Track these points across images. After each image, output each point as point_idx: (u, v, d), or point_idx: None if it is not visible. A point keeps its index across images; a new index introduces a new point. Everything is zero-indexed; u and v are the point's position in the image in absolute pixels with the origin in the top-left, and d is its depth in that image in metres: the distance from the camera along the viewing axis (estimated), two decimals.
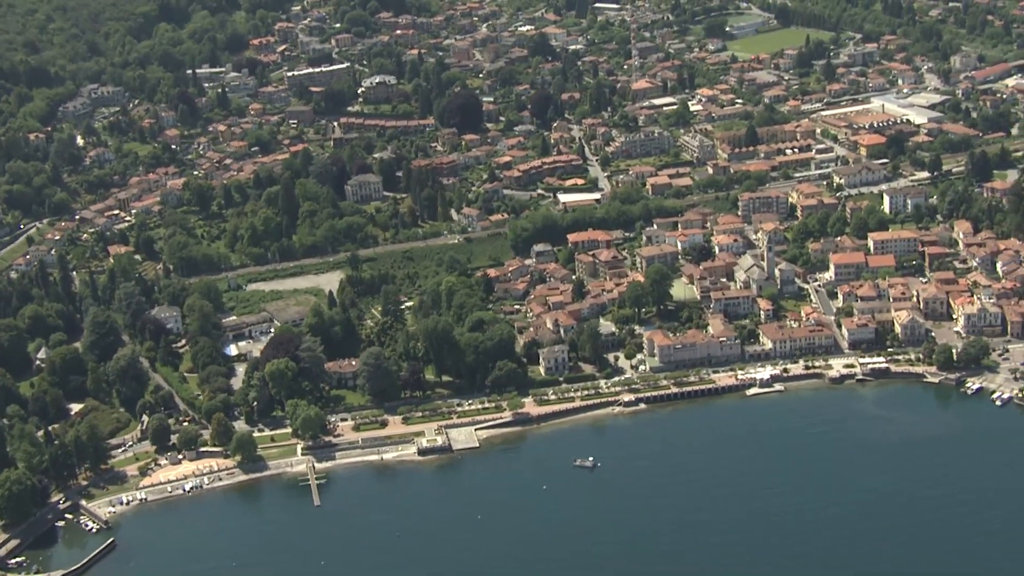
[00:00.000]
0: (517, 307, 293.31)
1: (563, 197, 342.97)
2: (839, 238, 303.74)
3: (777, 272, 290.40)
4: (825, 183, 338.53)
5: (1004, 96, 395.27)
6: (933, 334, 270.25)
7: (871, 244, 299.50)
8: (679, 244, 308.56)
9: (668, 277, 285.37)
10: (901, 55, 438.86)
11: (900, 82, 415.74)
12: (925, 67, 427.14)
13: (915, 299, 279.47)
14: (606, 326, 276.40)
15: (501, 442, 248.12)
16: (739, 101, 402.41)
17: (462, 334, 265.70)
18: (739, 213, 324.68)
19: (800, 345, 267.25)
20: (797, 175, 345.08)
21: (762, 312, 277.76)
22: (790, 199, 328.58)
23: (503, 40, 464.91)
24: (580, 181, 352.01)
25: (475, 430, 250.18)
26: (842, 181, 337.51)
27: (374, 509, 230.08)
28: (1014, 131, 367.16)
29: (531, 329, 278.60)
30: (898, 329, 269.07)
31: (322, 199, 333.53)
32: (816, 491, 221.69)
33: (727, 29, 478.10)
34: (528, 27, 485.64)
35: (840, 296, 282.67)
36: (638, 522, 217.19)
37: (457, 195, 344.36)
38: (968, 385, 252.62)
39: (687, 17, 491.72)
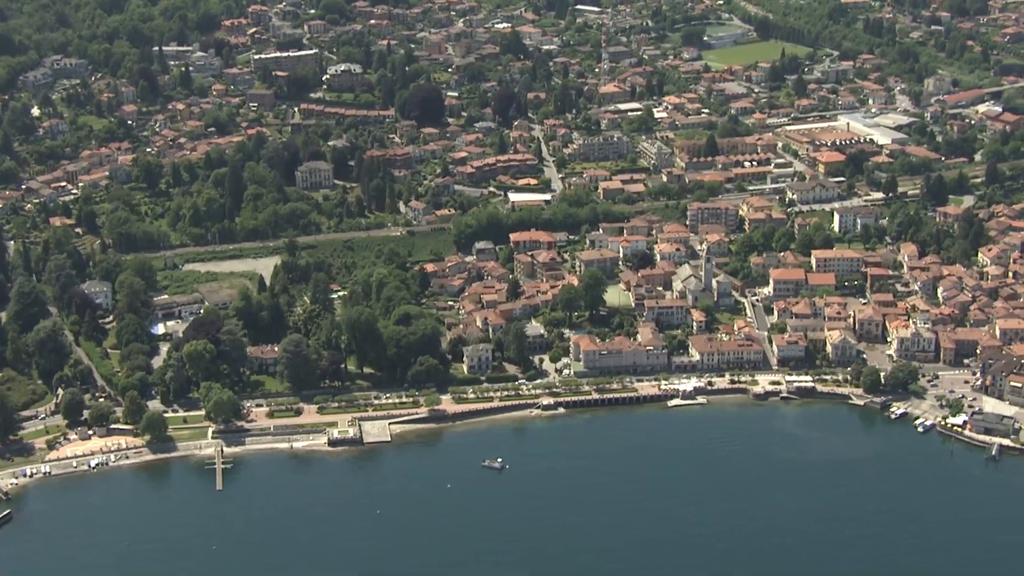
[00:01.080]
0: (451, 303, 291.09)
1: (513, 196, 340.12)
2: (782, 253, 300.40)
3: (714, 284, 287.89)
4: (778, 198, 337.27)
5: (972, 122, 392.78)
6: (865, 356, 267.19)
7: (814, 262, 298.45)
8: (621, 250, 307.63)
9: (602, 282, 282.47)
10: (875, 75, 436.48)
11: (871, 101, 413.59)
12: (898, 88, 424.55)
13: (852, 320, 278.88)
14: (535, 328, 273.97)
15: (414, 438, 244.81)
16: (705, 111, 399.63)
17: (386, 327, 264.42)
18: (687, 223, 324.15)
19: (728, 359, 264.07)
20: (751, 188, 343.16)
21: (695, 323, 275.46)
22: (740, 212, 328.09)
23: (477, 36, 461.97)
24: (533, 181, 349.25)
25: (389, 424, 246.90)
26: (795, 197, 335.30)
27: (275, 497, 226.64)
28: (977, 157, 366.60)
29: (460, 326, 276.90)
30: (829, 349, 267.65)
31: (268, 183, 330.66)
32: (719, 505, 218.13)
33: (705, 39, 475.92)
34: (505, 25, 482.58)
35: (776, 312, 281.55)
36: (534, 524, 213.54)
37: (407, 188, 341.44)
38: (892, 409, 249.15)
39: (667, 24, 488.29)
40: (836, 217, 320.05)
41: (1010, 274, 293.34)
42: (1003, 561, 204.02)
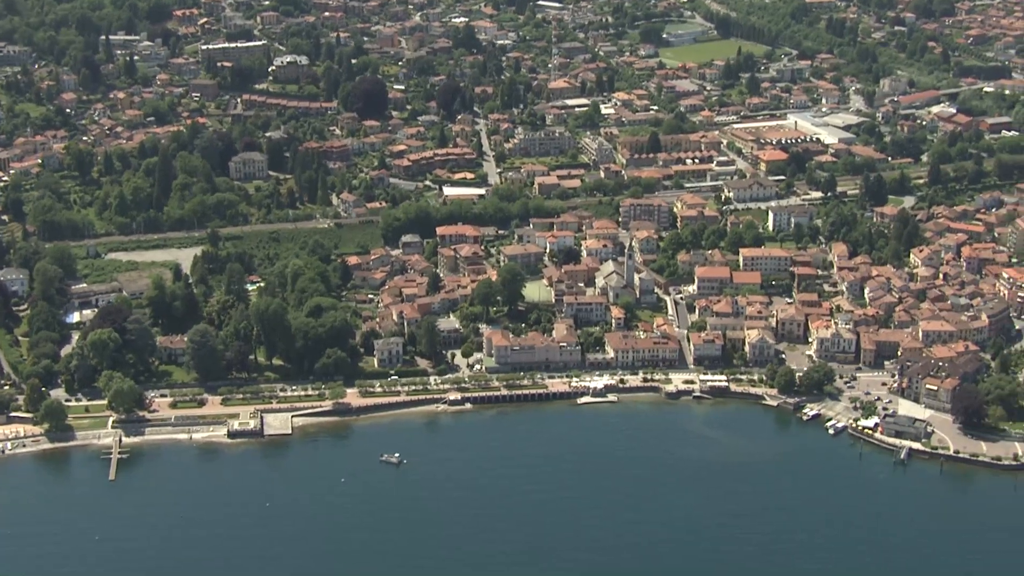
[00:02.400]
0: (371, 296, 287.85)
1: (448, 190, 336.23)
2: (710, 252, 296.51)
3: (637, 281, 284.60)
4: (714, 195, 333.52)
5: (923, 123, 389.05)
6: (784, 356, 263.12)
7: (741, 260, 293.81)
8: (548, 245, 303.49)
9: (520, 277, 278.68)
10: (832, 74, 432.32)
11: (824, 101, 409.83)
12: (852, 88, 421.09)
13: (774, 319, 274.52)
14: (449, 322, 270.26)
15: (316, 431, 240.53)
16: (654, 108, 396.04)
17: (296, 318, 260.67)
18: (619, 219, 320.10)
19: (643, 356, 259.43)
20: (689, 185, 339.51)
21: (614, 320, 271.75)
22: (674, 209, 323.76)
23: (433, 30, 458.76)
24: (470, 175, 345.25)
25: (292, 417, 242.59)
26: (731, 195, 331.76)
27: (166, 488, 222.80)
28: (924, 158, 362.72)
29: (376, 319, 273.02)
30: (747, 348, 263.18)
31: (198, 173, 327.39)
32: (614, 505, 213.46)
33: (664, 36, 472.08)
34: (463, 19, 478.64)
35: (697, 310, 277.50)
36: (425, 520, 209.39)
37: (340, 180, 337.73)
38: (805, 411, 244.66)
39: (627, 21, 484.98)
40: (771, 216, 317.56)
41: (940, 276, 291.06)
42: (890, 562, 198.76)
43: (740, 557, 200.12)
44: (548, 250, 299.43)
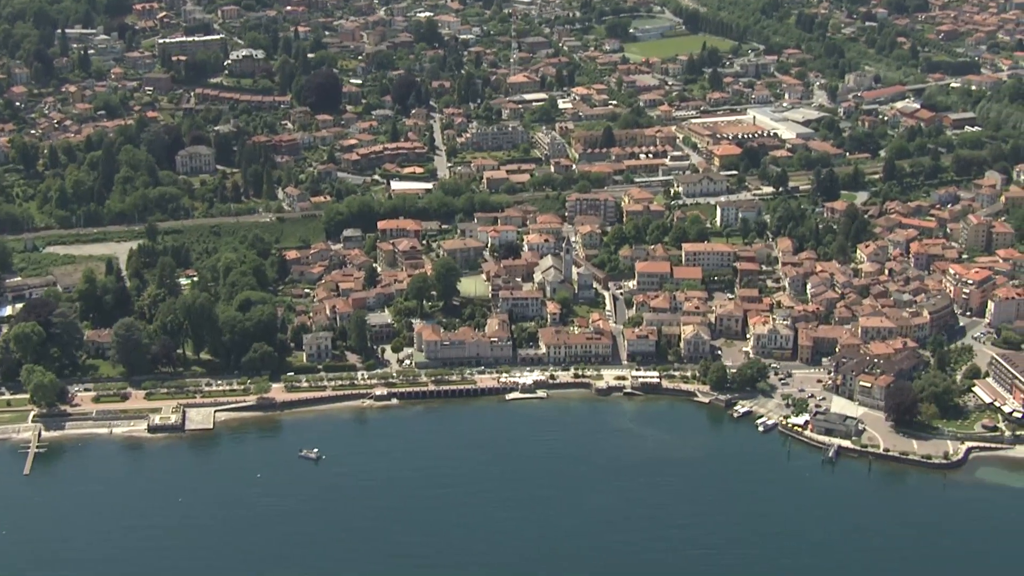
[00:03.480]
0: (307, 291, 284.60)
1: (395, 185, 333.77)
2: (653, 246, 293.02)
3: (575, 275, 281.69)
4: (663, 190, 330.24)
5: (885, 118, 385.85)
6: (720, 352, 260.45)
7: (684, 255, 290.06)
8: (489, 240, 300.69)
9: (456, 271, 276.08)
10: (797, 69, 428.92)
11: (787, 96, 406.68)
12: (817, 83, 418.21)
13: (714, 315, 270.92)
14: (381, 317, 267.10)
15: (238, 426, 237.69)
16: (613, 102, 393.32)
17: (224, 312, 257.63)
18: (565, 213, 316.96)
19: (576, 352, 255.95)
20: (639, 180, 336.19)
21: (549, 315, 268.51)
22: (622, 203, 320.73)
23: (396, 24, 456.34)
24: (419, 170, 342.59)
25: (215, 412, 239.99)
26: (680, 189, 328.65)
27: (81, 483, 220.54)
28: (882, 153, 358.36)
29: (309, 314, 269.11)
30: (682, 344, 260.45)
31: (142, 167, 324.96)
32: (529, 500, 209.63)
33: (631, 31, 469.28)
34: (428, 13, 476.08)
35: (634, 305, 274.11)
36: (332, 516, 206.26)
37: (286, 174, 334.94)
38: (736, 408, 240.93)
39: (594, 16, 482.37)
40: (719, 211, 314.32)
41: (886, 271, 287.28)
42: (807, 561, 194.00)
43: (652, 554, 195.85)
44: (489, 245, 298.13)
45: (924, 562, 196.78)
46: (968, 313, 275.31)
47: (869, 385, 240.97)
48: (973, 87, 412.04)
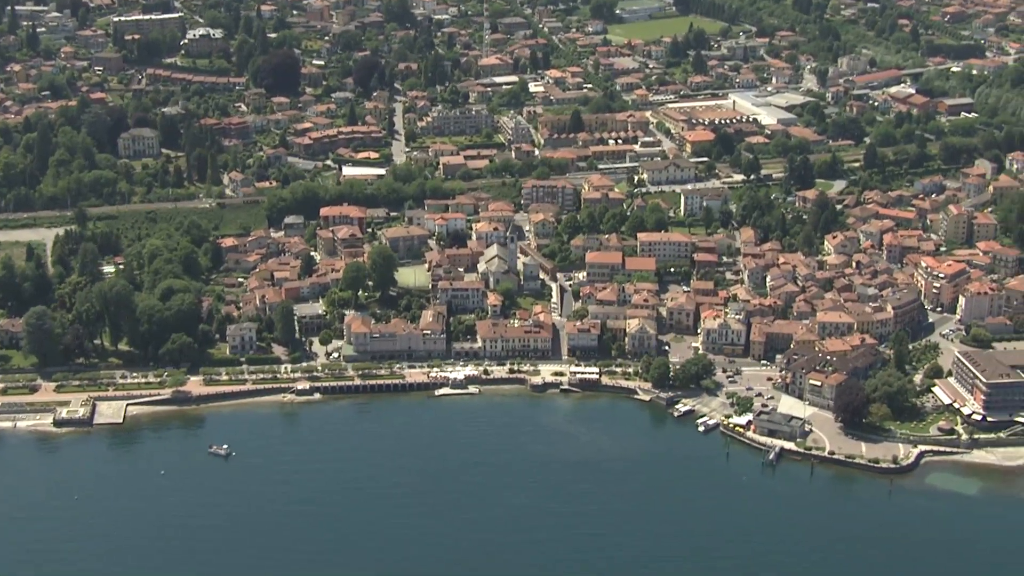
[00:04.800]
0: (241, 280, 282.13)
1: (347, 170, 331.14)
2: (607, 236, 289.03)
3: (520, 266, 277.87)
4: (627, 177, 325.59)
5: (875, 103, 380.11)
6: (667, 347, 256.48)
7: (639, 245, 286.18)
8: (437, 228, 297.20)
9: (393, 261, 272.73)
10: (788, 52, 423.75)
11: (774, 80, 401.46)
12: (808, 67, 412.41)
13: (665, 308, 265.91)
14: (312, 308, 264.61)
15: (149, 420, 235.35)
16: (588, 86, 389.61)
17: (143, 300, 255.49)
18: (521, 201, 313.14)
19: (514, 346, 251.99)
20: (603, 167, 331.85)
21: (490, 307, 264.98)
22: (580, 191, 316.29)
23: (367, 3, 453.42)
24: (373, 155, 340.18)
25: (127, 405, 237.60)
26: (645, 176, 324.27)
27: None
28: (867, 140, 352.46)
29: (236, 304, 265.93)
30: (627, 339, 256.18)
31: (79, 150, 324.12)
32: (442, 502, 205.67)
33: (617, 12, 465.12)
34: None
35: (580, 297, 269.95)
36: (231, 514, 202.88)
37: (233, 158, 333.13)
38: (677, 407, 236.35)
39: None
40: (682, 199, 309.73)
41: (853, 264, 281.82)
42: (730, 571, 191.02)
43: (563, 559, 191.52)
44: (436, 233, 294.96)
45: (852, 573, 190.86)
46: (939, 309, 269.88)
47: (819, 384, 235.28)
48: (974, 71, 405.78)
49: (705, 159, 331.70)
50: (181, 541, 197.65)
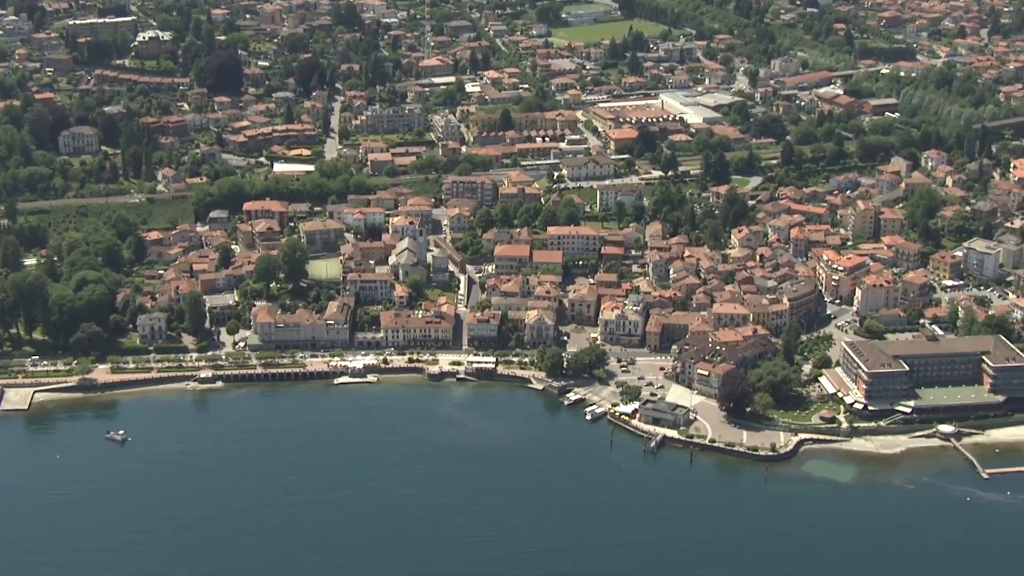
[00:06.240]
0: (162, 272, 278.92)
1: (278, 167, 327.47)
2: (519, 230, 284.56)
3: (430, 259, 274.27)
4: (546, 174, 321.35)
5: (802, 103, 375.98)
6: (566, 338, 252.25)
7: (547, 239, 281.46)
8: (355, 222, 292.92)
9: (303, 253, 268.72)
10: (723, 54, 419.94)
11: (707, 81, 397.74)
12: (741, 68, 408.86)
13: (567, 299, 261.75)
14: (223, 299, 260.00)
15: (55, 407, 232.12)
16: (524, 86, 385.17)
17: (56, 291, 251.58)
18: (442, 196, 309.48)
19: (415, 336, 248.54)
20: (526, 163, 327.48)
21: (397, 299, 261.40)
22: (500, 187, 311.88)
23: (320, 8, 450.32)
24: (305, 152, 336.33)
25: (34, 392, 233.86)
26: (565, 172, 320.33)
27: None
28: (789, 138, 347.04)
29: (155, 295, 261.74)
30: (527, 329, 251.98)
31: (15, 147, 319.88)
32: (324, 486, 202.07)
33: (563, 16, 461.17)
34: None
35: (485, 289, 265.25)
36: (117, 497, 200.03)
37: (168, 155, 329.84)
38: (568, 395, 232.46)
39: (529, 0, 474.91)
40: (598, 194, 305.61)
41: (757, 257, 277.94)
42: (592, 553, 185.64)
43: (430, 541, 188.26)
44: (353, 227, 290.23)
45: (717, 559, 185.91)
46: (838, 301, 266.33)
47: (707, 373, 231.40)
48: (902, 73, 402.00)
49: (626, 156, 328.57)
50: (62, 521, 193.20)
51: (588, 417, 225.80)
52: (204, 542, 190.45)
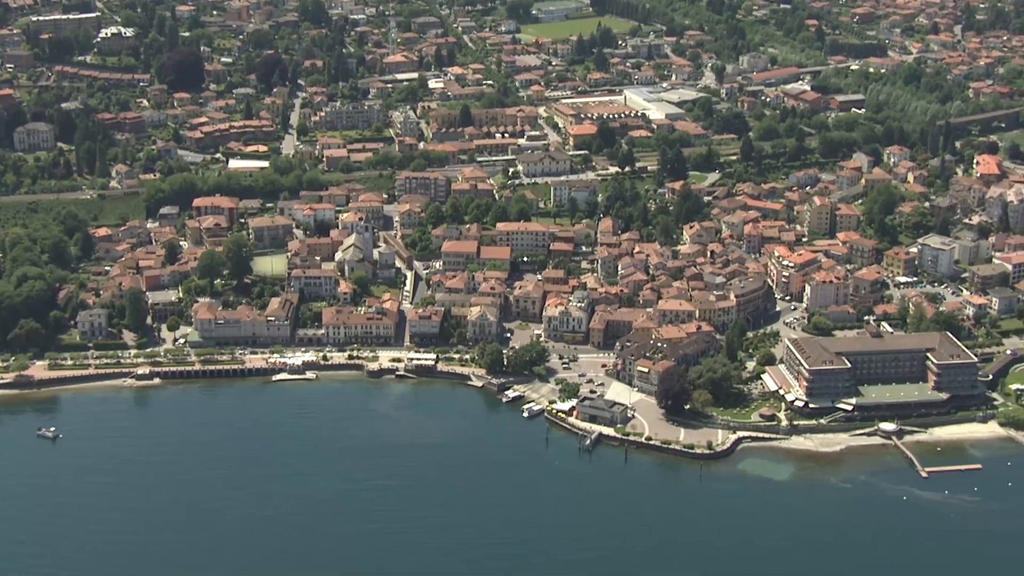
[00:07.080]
0: (108, 268, 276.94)
1: (233, 163, 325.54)
2: (468, 226, 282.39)
3: (377, 255, 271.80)
4: (501, 170, 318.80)
5: (768, 99, 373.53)
6: (509, 335, 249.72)
7: (496, 235, 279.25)
8: (305, 217, 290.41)
9: (248, 249, 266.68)
10: (692, 50, 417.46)
11: (673, 77, 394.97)
12: (709, 64, 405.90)
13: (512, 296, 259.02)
14: (165, 295, 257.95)
15: None
16: (487, 82, 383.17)
17: None
18: (395, 192, 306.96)
19: (356, 333, 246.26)
20: (482, 159, 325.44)
21: (341, 295, 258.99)
22: (454, 183, 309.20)
23: (287, 4, 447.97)
24: (262, 148, 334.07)
25: None
26: (521, 169, 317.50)
27: None
28: (751, 134, 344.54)
29: (99, 292, 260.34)
30: (469, 326, 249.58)
31: None
32: (249, 482, 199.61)
33: (533, 12, 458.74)
34: None
35: (430, 286, 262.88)
36: (40, 493, 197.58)
37: (124, 151, 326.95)
38: (507, 392, 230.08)
39: None
40: (552, 190, 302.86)
41: (708, 253, 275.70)
42: (516, 551, 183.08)
43: (359, 536, 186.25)
44: (303, 223, 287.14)
45: (650, 556, 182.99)
46: (788, 297, 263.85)
47: (647, 370, 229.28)
48: (871, 69, 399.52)
49: (584, 152, 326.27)
50: None
51: (525, 415, 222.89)
52: (130, 535, 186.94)
